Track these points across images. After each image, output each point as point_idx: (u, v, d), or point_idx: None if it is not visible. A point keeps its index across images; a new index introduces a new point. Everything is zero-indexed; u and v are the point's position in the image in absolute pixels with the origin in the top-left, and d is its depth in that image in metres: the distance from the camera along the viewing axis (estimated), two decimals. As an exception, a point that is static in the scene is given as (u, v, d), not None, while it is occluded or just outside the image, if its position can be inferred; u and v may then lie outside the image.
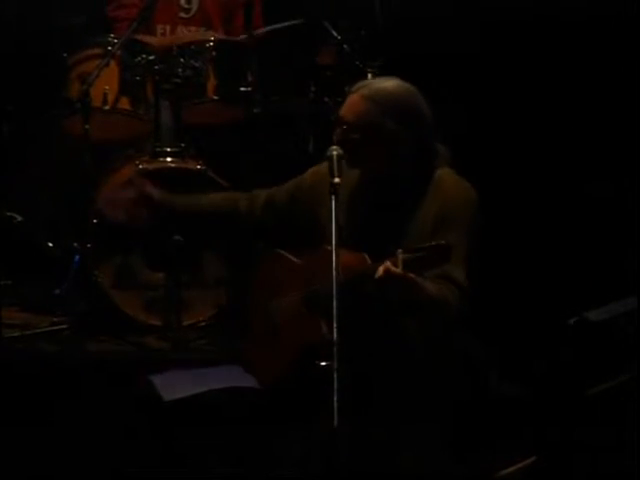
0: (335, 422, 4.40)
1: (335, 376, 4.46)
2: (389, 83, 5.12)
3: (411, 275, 4.79)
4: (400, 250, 4.75)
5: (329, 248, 4.80)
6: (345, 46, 6.52)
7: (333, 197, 4.85)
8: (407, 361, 5.10)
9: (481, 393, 5.37)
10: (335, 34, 6.56)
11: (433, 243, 4.89)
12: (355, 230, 5.08)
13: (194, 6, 6.97)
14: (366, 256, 4.96)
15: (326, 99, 6.45)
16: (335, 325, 4.62)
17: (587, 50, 7.56)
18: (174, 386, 5.46)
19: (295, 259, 5.05)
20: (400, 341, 5.08)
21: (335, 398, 4.44)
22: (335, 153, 4.94)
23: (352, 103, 5.07)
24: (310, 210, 5.16)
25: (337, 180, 4.85)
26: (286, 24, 6.77)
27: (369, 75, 6.27)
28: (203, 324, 6.39)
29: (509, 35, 7.47)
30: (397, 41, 6.71)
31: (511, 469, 5.19)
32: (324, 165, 5.17)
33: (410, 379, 5.08)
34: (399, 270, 4.72)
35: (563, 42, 7.56)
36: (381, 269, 4.77)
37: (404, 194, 5.15)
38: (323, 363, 4.77)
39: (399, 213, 5.14)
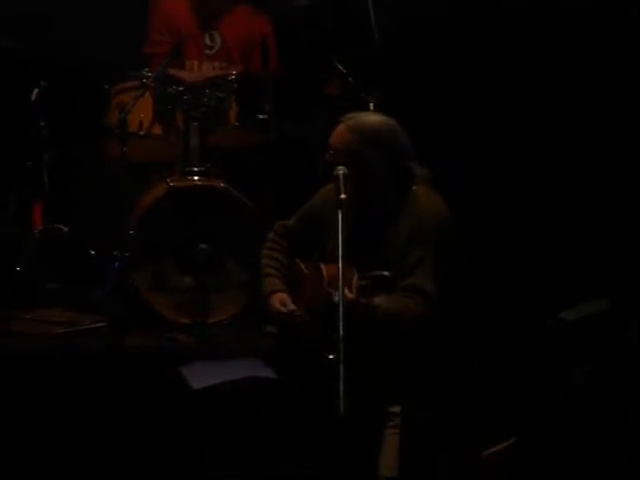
0: (341, 409, 4.37)
1: (341, 367, 4.44)
2: (372, 117, 5.19)
3: (361, 300, 4.82)
4: (355, 277, 4.80)
5: (320, 264, 4.93)
6: (350, 79, 6.47)
7: (340, 212, 4.84)
8: (393, 352, 5.00)
9: (467, 382, 5.26)
10: (341, 68, 6.50)
11: (380, 273, 4.89)
12: (345, 240, 4.97)
13: (217, 44, 6.92)
14: (355, 277, 4.93)
15: (333, 125, 6.25)
16: (341, 323, 4.60)
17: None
18: (201, 376, 5.43)
19: (305, 269, 5.04)
20: (385, 336, 4.98)
21: (341, 387, 4.40)
22: (341, 172, 4.94)
23: (339, 132, 5.10)
24: (321, 227, 5.14)
25: (343, 196, 4.85)
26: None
27: (370, 105, 6.27)
28: (226, 322, 6.37)
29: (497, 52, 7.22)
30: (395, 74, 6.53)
31: (494, 449, 5.16)
32: (328, 188, 5.20)
33: (399, 367, 4.99)
34: (352, 296, 4.76)
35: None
36: (347, 294, 4.80)
37: (382, 211, 5.14)
38: (331, 356, 4.65)
39: (379, 228, 5.13)
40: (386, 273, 4.87)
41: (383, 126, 5.13)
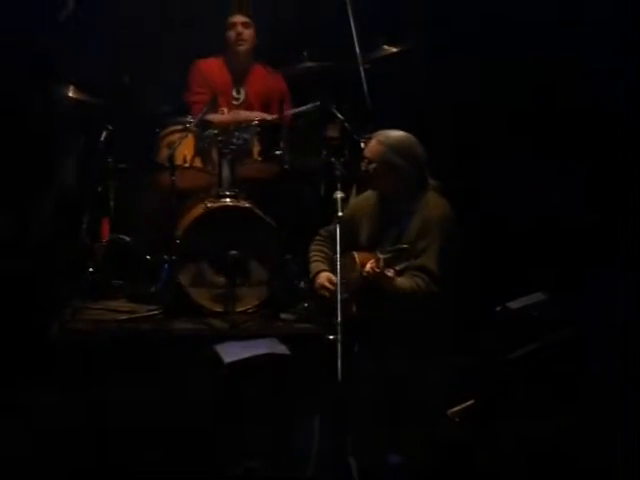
0: (339, 378, 4.68)
1: (339, 346, 4.73)
2: (396, 132, 5.31)
3: (385, 273, 4.99)
4: (381, 256, 5.00)
5: (353, 252, 5.14)
6: (346, 124, 6.50)
7: (338, 225, 5.15)
8: (405, 317, 5.20)
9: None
10: (339, 116, 6.53)
11: (399, 247, 5.10)
12: (373, 234, 5.25)
13: (242, 97, 6.94)
14: (379, 254, 5.07)
15: (332, 160, 6.39)
16: (339, 310, 4.87)
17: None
18: (231, 352, 5.70)
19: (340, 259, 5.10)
20: (398, 304, 5.16)
21: (339, 361, 4.70)
22: (339, 196, 5.27)
23: (371, 146, 5.28)
24: (352, 229, 5.30)
25: (340, 214, 5.19)
26: (305, 108, 6.63)
27: (362, 144, 6.23)
28: (250, 311, 6.40)
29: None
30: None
31: (457, 408, 5.24)
32: (358, 199, 5.54)
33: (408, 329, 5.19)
34: (379, 269, 4.95)
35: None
36: (368, 266, 5.03)
37: (402, 209, 5.29)
38: (331, 337, 4.88)
39: (399, 222, 5.28)
40: (405, 245, 5.09)
41: (404, 138, 5.32)
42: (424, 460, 5.10)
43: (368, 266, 5.02)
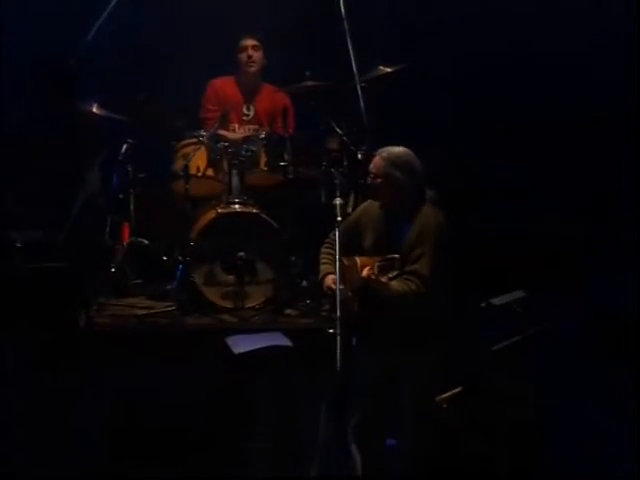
0: (338, 368, 4.63)
1: (338, 339, 4.68)
2: (397, 148, 5.22)
3: (380, 279, 4.97)
4: (377, 261, 5.00)
5: (356, 257, 5.07)
6: (344, 137, 6.49)
7: (337, 230, 5.09)
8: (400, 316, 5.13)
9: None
10: (339, 130, 6.51)
11: (392, 256, 5.05)
12: (376, 240, 5.18)
13: (251, 113, 6.94)
14: (375, 259, 5.07)
15: (332, 170, 6.42)
16: (338, 304, 4.84)
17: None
18: (240, 344, 5.78)
19: (345, 261, 5.11)
20: (394, 303, 5.08)
21: (338, 352, 4.65)
22: (338, 202, 5.18)
23: (375, 161, 5.18)
24: (358, 234, 5.25)
25: (339, 218, 5.09)
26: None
27: (359, 155, 6.36)
28: (257, 307, 6.41)
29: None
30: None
31: (445, 395, 5.05)
32: (364, 206, 5.38)
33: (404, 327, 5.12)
34: (374, 276, 4.94)
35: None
36: (365, 272, 5.02)
37: (401, 219, 5.22)
38: (330, 330, 4.78)
39: (398, 231, 5.21)
40: (396, 255, 5.01)
41: (403, 153, 5.22)
42: (416, 442, 5.15)
43: (365, 272, 5.01)
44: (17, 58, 6.92)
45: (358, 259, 5.12)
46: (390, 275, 5.06)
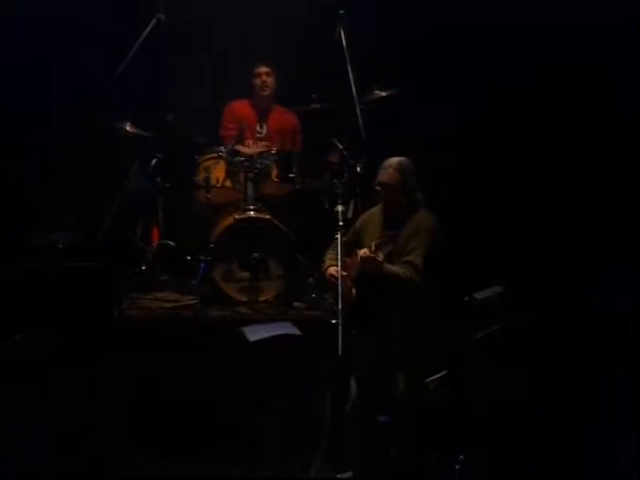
0: (340, 352, 4.74)
1: (340, 328, 4.78)
2: (398, 158, 5.21)
3: (376, 256, 4.95)
4: (373, 243, 5.03)
5: (359, 251, 5.02)
6: (344, 152, 6.50)
7: (339, 233, 5.13)
8: (395, 302, 5.14)
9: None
10: (340, 146, 6.54)
11: (379, 240, 5.07)
12: (378, 238, 5.14)
13: (264, 131, 6.88)
14: (379, 253, 5.02)
15: (334, 180, 6.43)
16: (340, 298, 4.90)
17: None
18: (254, 333, 5.74)
19: (347, 259, 5.12)
20: (388, 290, 5.09)
21: (340, 339, 4.75)
22: (340, 209, 5.26)
23: (386, 171, 5.16)
24: (361, 237, 5.25)
25: (341, 223, 5.16)
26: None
27: (357, 168, 6.41)
28: (269, 300, 6.40)
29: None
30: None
31: (433, 377, 4.87)
32: (367, 214, 5.38)
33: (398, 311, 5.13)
34: (370, 253, 4.95)
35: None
36: (363, 250, 5.00)
37: (400, 220, 5.22)
38: (334, 321, 4.88)
39: (396, 230, 5.19)
40: (392, 232, 5.09)
41: (403, 161, 5.21)
42: (407, 418, 5.14)
43: (363, 250, 5.01)
44: (63, 80, 6.92)
45: (358, 251, 5.13)
46: (384, 252, 5.05)
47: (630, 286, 6.23)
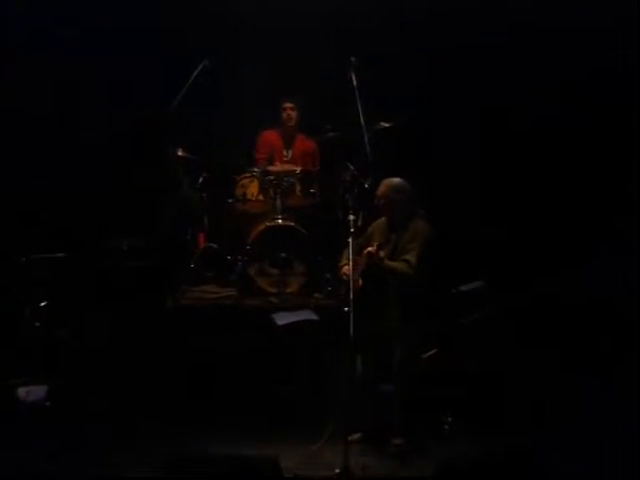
0: (351, 334, 4.80)
1: (351, 315, 4.84)
2: (395, 179, 5.32)
3: (379, 253, 5.06)
4: (375, 243, 5.13)
5: (364, 251, 5.13)
6: (355, 172, 6.47)
7: (351, 238, 5.17)
8: (395, 292, 5.23)
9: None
10: (351, 167, 6.51)
11: (382, 241, 5.15)
12: (383, 242, 5.22)
13: (289, 155, 6.93)
14: (381, 251, 5.10)
15: (346, 195, 6.40)
16: (351, 291, 4.93)
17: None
18: (282, 318, 5.92)
19: (357, 258, 5.17)
20: (388, 282, 5.20)
21: (351, 324, 4.80)
22: (351, 218, 5.28)
23: (379, 189, 5.31)
24: (369, 241, 5.28)
25: (352, 230, 5.21)
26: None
27: (365, 185, 6.33)
28: (294, 292, 6.44)
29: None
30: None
31: (427, 354, 5.36)
32: (375, 222, 5.44)
33: (398, 300, 5.22)
34: (374, 250, 5.07)
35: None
36: (368, 248, 5.13)
37: (401, 227, 5.30)
38: (346, 309, 4.88)
39: (397, 235, 5.29)
40: (393, 236, 5.17)
41: (398, 182, 5.31)
42: (404, 384, 5.18)
43: (368, 248, 5.13)
44: (130, 111, 6.92)
45: (365, 250, 5.20)
46: (385, 250, 5.11)
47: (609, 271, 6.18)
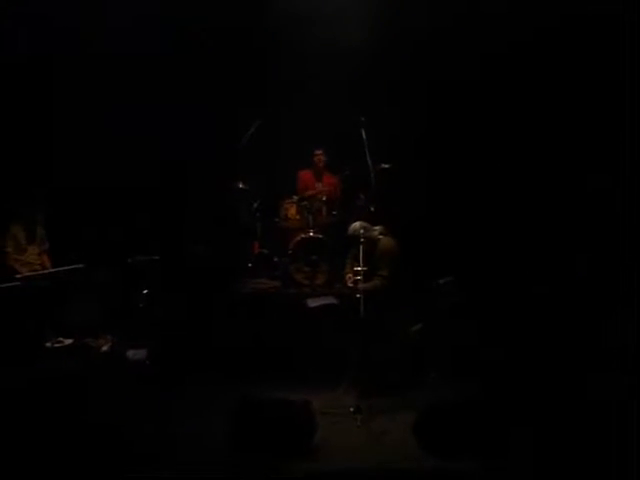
0: (362, 314, 5.06)
1: (362, 300, 5.04)
2: (355, 223, 5.42)
3: (356, 284, 5.20)
4: (348, 275, 5.38)
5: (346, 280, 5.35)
6: (365, 200, 6.58)
7: (361, 247, 5.40)
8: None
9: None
10: (362, 196, 6.58)
11: (359, 269, 5.18)
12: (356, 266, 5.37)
13: (319, 186, 7.05)
14: (350, 273, 5.23)
15: (359, 215, 6.25)
16: (361, 284, 5.26)
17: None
18: (313, 302, 6.09)
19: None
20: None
21: (362, 307, 5.02)
22: (362, 232, 5.52)
23: (349, 231, 5.33)
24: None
25: (362, 239, 5.40)
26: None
27: (372, 209, 6.42)
28: (321, 284, 6.59)
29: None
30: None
31: (415, 327, 5.54)
32: (385, 239, 5.55)
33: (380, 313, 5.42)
34: (350, 281, 5.32)
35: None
36: (347, 279, 5.42)
37: (370, 252, 5.37)
38: (358, 295, 5.08)
39: (369, 256, 5.34)
40: (364, 269, 5.23)
41: (357, 225, 5.37)
42: (396, 348, 5.44)
43: (346, 278, 5.36)
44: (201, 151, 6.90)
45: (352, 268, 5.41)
46: (359, 277, 5.20)
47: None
